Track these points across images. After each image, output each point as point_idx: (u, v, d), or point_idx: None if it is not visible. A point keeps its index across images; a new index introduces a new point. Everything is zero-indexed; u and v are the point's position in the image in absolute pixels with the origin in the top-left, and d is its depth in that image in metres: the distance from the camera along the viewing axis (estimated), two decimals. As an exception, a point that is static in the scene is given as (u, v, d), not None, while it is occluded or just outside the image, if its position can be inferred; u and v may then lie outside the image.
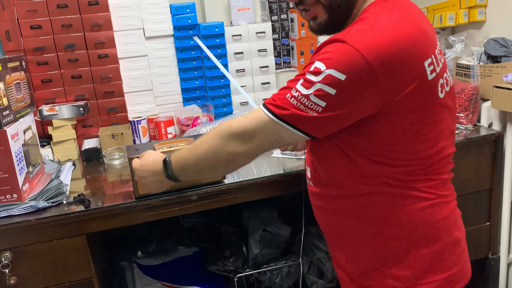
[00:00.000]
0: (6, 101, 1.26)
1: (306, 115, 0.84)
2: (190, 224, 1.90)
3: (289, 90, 0.86)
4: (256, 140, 0.92)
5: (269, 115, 0.88)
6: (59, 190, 1.34)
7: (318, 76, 0.82)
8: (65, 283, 1.28)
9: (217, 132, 0.97)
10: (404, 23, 0.84)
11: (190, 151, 1.03)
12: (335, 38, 0.83)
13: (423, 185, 0.93)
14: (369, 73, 0.79)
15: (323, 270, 1.62)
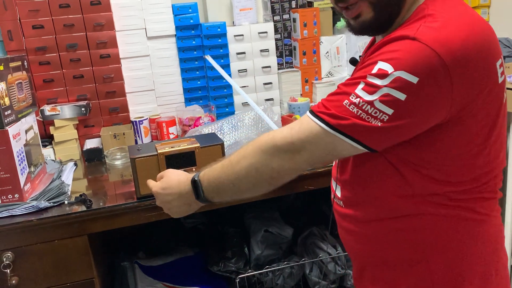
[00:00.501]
0: (8, 101, 1.26)
1: (369, 125, 0.72)
2: (192, 224, 1.90)
3: (346, 96, 0.73)
4: (305, 154, 0.79)
5: (323, 126, 0.75)
6: (61, 190, 1.33)
7: (385, 79, 0.70)
8: (66, 283, 1.28)
9: (258, 147, 0.83)
10: (476, 20, 0.74)
11: (224, 169, 0.88)
12: (402, 35, 0.71)
13: (477, 204, 0.82)
14: (445, 75, 0.69)
15: (325, 271, 1.61)
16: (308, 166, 0.81)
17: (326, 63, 2.12)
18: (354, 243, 0.93)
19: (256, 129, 1.57)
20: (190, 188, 0.93)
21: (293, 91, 2.07)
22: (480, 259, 0.84)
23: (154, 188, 1.02)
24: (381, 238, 0.87)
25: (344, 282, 1.66)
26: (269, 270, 1.60)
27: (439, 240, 0.83)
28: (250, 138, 1.56)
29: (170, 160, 1.26)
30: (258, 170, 0.82)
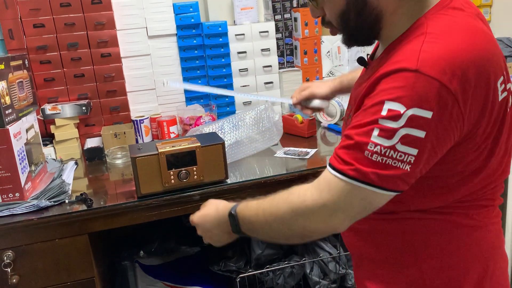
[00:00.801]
0: (9, 100, 1.26)
1: (400, 173, 0.70)
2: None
3: (365, 146, 0.70)
4: (340, 215, 0.76)
5: (353, 183, 0.72)
6: (61, 189, 1.33)
7: (399, 120, 0.67)
8: (67, 282, 1.28)
9: (289, 208, 0.80)
10: (478, 38, 0.72)
11: (258, 218, 0.86)
12: (403, 67, 0.69)
13: (473, 211, 0.82)
14: (453, 101, 0.68)
15: (326, 270, 1.61)
16: (343, 226, 0.78)
17: (327, 63, 2.12)
18: (352, 238, 0.95)
19: (257, 128, 1.57)
20: (228, 220, 0.92)
21: (294, 90, 2.04)
22: (475, 264, 0.84)
23: (194, 217, 1.02)
24: (376, 237, 0.88)
25: (345, 282, 1.65)
26: (269, 270, 1.60)
27: (432, 244, 0.83)
28: (251, 137, 1.56)
29: (171, 159, 1.26)
30: (290, 228, 0.81)
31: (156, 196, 1.28)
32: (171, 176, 1.27)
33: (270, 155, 1.59)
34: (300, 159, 1.53)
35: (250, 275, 1.58)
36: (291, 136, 1.80)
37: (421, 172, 0.73)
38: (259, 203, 0.87)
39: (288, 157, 1.56)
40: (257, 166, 1.51)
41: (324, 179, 0.77)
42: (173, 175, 1.27)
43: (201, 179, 1.30)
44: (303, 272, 1.64)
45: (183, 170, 1.28)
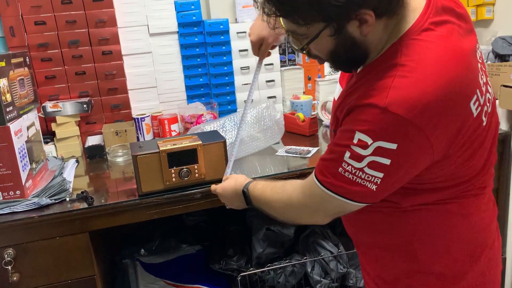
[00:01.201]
0: (10, 97, 1.26)
1: (367, 190, 0.80)
2: (194, 222, 1.90)
3: (340, 164, 0.80)
4: (320, 213, 0.91)
5: (329, 193, 0.84)
6: (62, 187, 1.33)
7: (367, 149, 0.76)
8: (67, 280, 1.28)
9: (281, 201, 0.97)
10: (449, 63, 0.75)
11: (261, 200, 1.03)
12: (372, 103, 0.74)
13: (464, 200, 0.89)
14: (420, 134, 0.74)
15: (327, 269, 1.61)
16: (324, 221, 0.92)
17: (329, 61, 2.11)
18: (350, 227, 1.04)
19: (259, 126, 1.57)
20: (241, 193, 1.09)
21: (296, 88, 2.06)
22: (468, 249, 0.91)
23: (218, 188, 1.20)
24: (374, 226, 0.95)
25: (346, 281, 1.65)
26: (270, 269, 1.59)
27: (427, 232, 0.90)
28: (253, 135, 1.56)
29: (172, 157, 1.26)
30: (283, 216, 1.00)
31: (157, 194, 1.28)
32: (172, 174, 1.27)
33: (272, 153, 1.59)
34: (302, 157, 1.53)
35: (251, 273, 1.58)
36: (293, 134, 1.79)
37: (391, 190, 0.83)
38: (264, 187, 1.03)
39: (290, 155, 1.55)
40: (258, 164, 1.50)
41: (308, 183, 0.89)
42: (174, 173, 1.27)
43: (202, 178, 1.30)
44: (304, 271, 1.63)
45: (184, 168, 1.27)
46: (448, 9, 0.81)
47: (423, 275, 0.92)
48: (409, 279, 0.93)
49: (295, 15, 0.77)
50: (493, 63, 1.69)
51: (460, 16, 0.83)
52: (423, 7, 0.80)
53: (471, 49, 0.82)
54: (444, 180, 0.85)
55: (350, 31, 0.77)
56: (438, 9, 0.80)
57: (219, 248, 1.69)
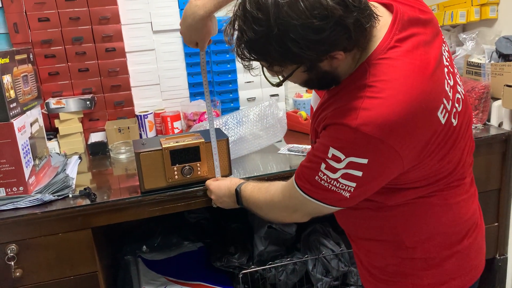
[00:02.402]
0: (13, 94, 1.26)
1: (341, 196, 0.87)
2: (195, 219, 1.90)
3: (316, 173, 0.87)
4: (299, 213, 0.98)
5: (306, 197, 0.91)
6: (65, 183, 1.34)
7: (340, 163, 0.83)
8: (70, 276, 1.28)
9: (265, 201, 1.06)
10: (416, 80, 0.80)
11: (250, 200, 1.12)
12: (344, 123, 0.80)
13: (445, 192, 0.94)
14: (389, 149, 0.80)
15: (328, 268, 1.61)
16: (303, 219, 1.00)
17: (332, 59, 2.10)
18: (341, 220, 1.10)
19: (261, 124, 1.57)
20: (234, 192, 1.17)
21: (299, 87, 2.06)
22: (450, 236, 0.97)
23: (211, 184, 1.26)
24: (363, 220, 1.01)
25: (347, 279, 1.65)
26: (272, 266, 1.60)
27: (412, 224, 0.95)
28: (255, 133, 1.56)
29: (175, 154, 1.26)
30: (267, 214, 1.08)
31: (159, 191, 1.28)
32: (175, 172, 1.27)
33: (274, 151, 1.59)
34: (304, 156, 1.52)
35: (253, 271, 1.59)
36: (295, 133, 1.79)
37: (364, 196, 0.89)
38: (253, 188, 1.12)
39: (292, 154, 1.55)
40: (260, 162, 1.50)
41: (288, 186, 0.98)
42: (176, 171, 1.27)
43: (204, 175, 1.30)
44: (305, 269, 1.64)
45: (186, 166, 1.28)
46: (414, 20, 0.85)
47: (411, 260, 0.97)
48: (398, 265, 0.99)
49: (269, 61, 0.83)
50: (496, 62, 1.69)
51: (425, 23, 0.87)
52: (389, 24, 0.83)
53: (437, 57, 0.85)
54: (423, 179, 0.90)
55: (322, 66, 0.83)
56: (404, 23, 0.84)
57: (221, 246, 1.69)
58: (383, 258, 1.01)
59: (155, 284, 1.58)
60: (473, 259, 1.01)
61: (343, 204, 0.90)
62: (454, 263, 0.98)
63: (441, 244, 0.97)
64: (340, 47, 0.79)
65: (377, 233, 1.00)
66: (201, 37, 1.15)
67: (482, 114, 1.66)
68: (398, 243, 0.97)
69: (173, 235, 1.84)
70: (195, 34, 1.14)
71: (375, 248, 1.02)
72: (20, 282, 1.24)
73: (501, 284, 1.73)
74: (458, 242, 0.98)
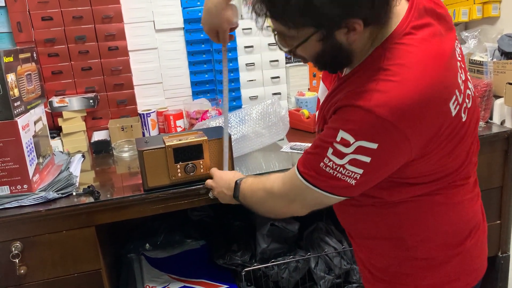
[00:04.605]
0: (17, 92, 1.27)
1: (346, 184, 0.84)
2: (198, 217, 1.91)
3: (321, 159, 0.84)
4: (298, 204, 0.95)
5: (308, 185, 0.88)
6: (69, 181, 1.34)
7: (349, 147, 0.79)
8: (74, 273, 1.29)
9: (263, 190, 1.02)
10: (431, 68, 0.79)
11: (248, 191, 1.09)
12: (356, 104, 0.78)
13: (449, 191, 0.92)
14: (399, 134, 0.77)
15: (331, 265, 1.62)
16: (301, 212, 0.97)
17: (334, 58, 2.10)
18: (342, 217, 1.08)
19: (264, 122, 1.57)
20: (234, 184, 1.13)
21: (301, 85, 2.06)
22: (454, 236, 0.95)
23: (215, 172, 1.26)
24: (365, 217, 0.99)
25: (349, 277, 1.66)
26: (274, 264, 1.60)
27: (415, 222, 0.93)
28: (257, 132, 1.56)
29: (178, 152, 1.26)
30: (263, 205, 1.05)
31: (162, 189, 1.29)
32: (178, 170, 1.28)
33: (276, 150, 1.59)
34: (306, 154, 1.53)
35: (255, 269, 1.59)
36: (297, 131, 1.80)
37: (369, 185, 0.86)
38: (253, 181, 1.09)
39: (294, 152, 1.56)
40: (263, 160, 1.51)
41: (290, 174, 0.93)
42: (180, 169, 1.28)
43: (207, 173, 1.31)
44: (308, 267, 1.64)
45: (189, 164, 1.28)
46: (429, 10, 0.84)
47: (412, 261, 0.96)
48: (399, 265, 0.98)
49: (286, 18, 0.79)
50: (498, 60, 1.69)
51: (440, 16, 0.86)
52: (406, 10, 0.82)
53: (451, 49, 0.85)
54: (428, 174, 0.88)
55: (338, 37, 0.80)
56: (421, 12, 0.82)
57: (224, 243, 1.69)
58: (384, 258, 1.00)
59: (158, 282, 1.58)
60: (475, 260, 1.00)
61: (347, 192, 0.86)
62: (456, 264, 0.96)
63: (443, 244, 0.95)
64: (361, 14, 0.76)
65: (379, 231, 0.98)
66: (220, 22, 1.15)
67: (484, 112, 1.66)
68: (399, 242, 0.96)
69: (176, 233, 1.84)
70: (215, 18, 1.14)
71: (376, 247, 1.01)
72: (24, 279, 1.25)
73: (503, 281, 1.74)
74: (460, 242, 0.96)
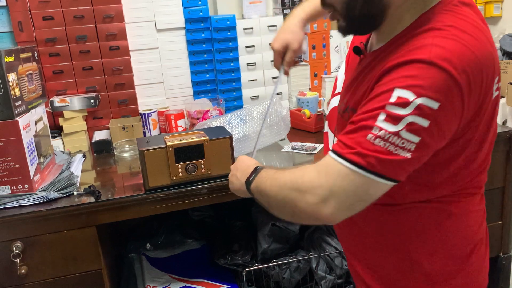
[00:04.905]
0: (19, 92, 1.27)
1: (400, 159, 0.70)
2: (199, 217, 1.91)
3: (368, 130, 0.71)
4: (332, 202, 0.74)
5: (351, 167, 0.71)
6: (70, 181, 1.34)
7: (407, 107, 0.68)
8: (74, 273, 1.29)
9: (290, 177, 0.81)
10: (480, 37, 0.74)
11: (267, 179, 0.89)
12: (415, 59, 0.70)
13: (462, 199, 0.87)
14: (458, 94, 0.70)
15: (332, 265, 1.61)
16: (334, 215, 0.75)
17: (336, 57, 2.10)
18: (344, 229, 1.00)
19: (265, 122, 1.57)
20: (252, 169, 0.95)
21: (302, 85, 2.06)
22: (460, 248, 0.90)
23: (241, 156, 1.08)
24: (370, 225, 0.92)
25: (350, 277, 1.65)
26: (275, 264, 1.60)
27: (424, 232, 0.87)
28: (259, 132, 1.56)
29: (179, 152, 1.26)
30: (284, 199, 0.81)
31: (163, 189, 1.29)
32: (179, 169, 1.27)
33: (278, 149, 1.59)
34: (308, 154, 1.53)
35: (256, 269, 1.59)
36: (299, 131, 1.79)
37: (420, 161, 0.74)
38: (277, 170, 0.88)
39: (295, 152, 1.56)
40: (264, 160, 1.51)
41: (324, 161, 0.77)
42: (181, 168, 1.28)
43: (208, 173, 1.31)
44: (309, 267, 1.64)
45: (191, 164, 1.28)
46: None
47: (416, 274, 0.89)
48: (403, 279, 0.91)
49: None
50: (500, 60, 1.68)
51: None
52: None
53: None
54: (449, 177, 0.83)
55: None
56: None
57: (225, 244, 1.69)
58: (386, 272, 0.93)
59: (159, 282, 1.58)
60: (478, 277, 0.94)
61: (399, 172, 0.72)
62: (460, 281, 0.90)
63: (449, 257, 0.89)
64: None
65: (383, 240, 0.91)
66: (293, 39, 1.14)
67: (486, 112, 1.65)
68: (404, 254, 0.89)
69: (177, 233, 1.84)
70: (289, 34, 1.14)
71: (378, 260, 0.93)
72: (25, 279, 1.25)
73: (505, 282, 1.73)
74: (465, 257, 0.90)
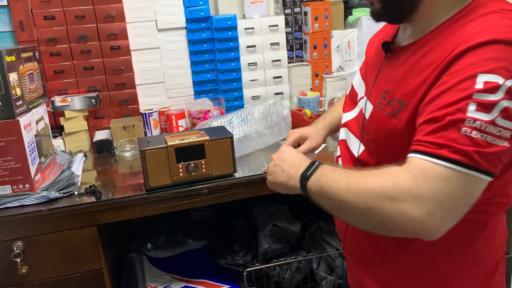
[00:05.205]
0: (20, 91, 1.27)
1: (499, 150, 0.64)
2: (200, 217, 1.91)
3: (461, 124, 0.64)
4: (438, 213, 0.64)
5: (457, 168, 0.63)
6: (71, 181, 1.34)
7: (498, 92, 0.63)
8: (75, 273, 1.29)
9: (380, 184, 0.68)
10: None
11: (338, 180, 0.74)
12: (490, 39, 0.65)
13: (498, 210, 0.81)
14: None
15: (332, 266, 1.61)
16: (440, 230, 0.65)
17: (337, 57, 2.10)
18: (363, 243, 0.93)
19: (266, 122, 1.57)
20: (306, 163, 0.83)
21: (303, 85, 2.05)
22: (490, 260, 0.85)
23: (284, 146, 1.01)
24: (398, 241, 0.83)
25: (351, 278, 1.65)
26: (276, 264, 1.60)
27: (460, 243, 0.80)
28: (260, 132, 1.56)
29: (180, 152, 1.26)
30: (371, 208, 0.68)
31: (164, 189, 1.28)
32: (180, 169, 1.27)
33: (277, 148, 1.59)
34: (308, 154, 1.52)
35: (257, 269, 1.59)
36: (300, 131, 1.79)
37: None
38: (346, 169, 0.77)
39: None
40: (265, 160, 1.50)
41: (413, 164, 0.66)
42: (181, 168, 1.27)
43: (209, 173, 1.31)
44: (310, 267, 1.64)
45: (191, 163, 1.28)
46: None
47: None
48: None
49: None
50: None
51: None
52: None
53: None
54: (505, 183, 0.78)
55: None
56: None
57: (225, 244, 1.69)
58: None
59: (159, 282, 1.58)
60: None
61: (498, 165, 0.65)
62: None
63: (480, 274, 0.83)
64: None
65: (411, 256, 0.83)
66: (314, 133, 1.20)
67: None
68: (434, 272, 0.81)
69: (177, 233, 1.84)
70: (311, 129, 1.22)
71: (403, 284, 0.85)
72: (26, 278, 1.25)
73: (507, 282, 1.73)
74: (491, 275, 0.84)
